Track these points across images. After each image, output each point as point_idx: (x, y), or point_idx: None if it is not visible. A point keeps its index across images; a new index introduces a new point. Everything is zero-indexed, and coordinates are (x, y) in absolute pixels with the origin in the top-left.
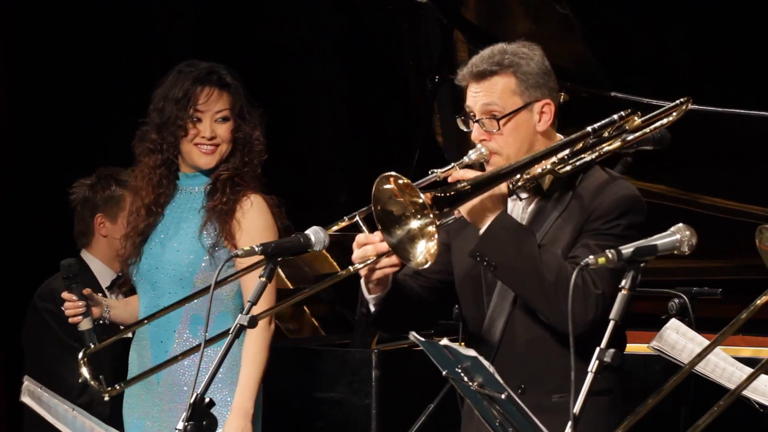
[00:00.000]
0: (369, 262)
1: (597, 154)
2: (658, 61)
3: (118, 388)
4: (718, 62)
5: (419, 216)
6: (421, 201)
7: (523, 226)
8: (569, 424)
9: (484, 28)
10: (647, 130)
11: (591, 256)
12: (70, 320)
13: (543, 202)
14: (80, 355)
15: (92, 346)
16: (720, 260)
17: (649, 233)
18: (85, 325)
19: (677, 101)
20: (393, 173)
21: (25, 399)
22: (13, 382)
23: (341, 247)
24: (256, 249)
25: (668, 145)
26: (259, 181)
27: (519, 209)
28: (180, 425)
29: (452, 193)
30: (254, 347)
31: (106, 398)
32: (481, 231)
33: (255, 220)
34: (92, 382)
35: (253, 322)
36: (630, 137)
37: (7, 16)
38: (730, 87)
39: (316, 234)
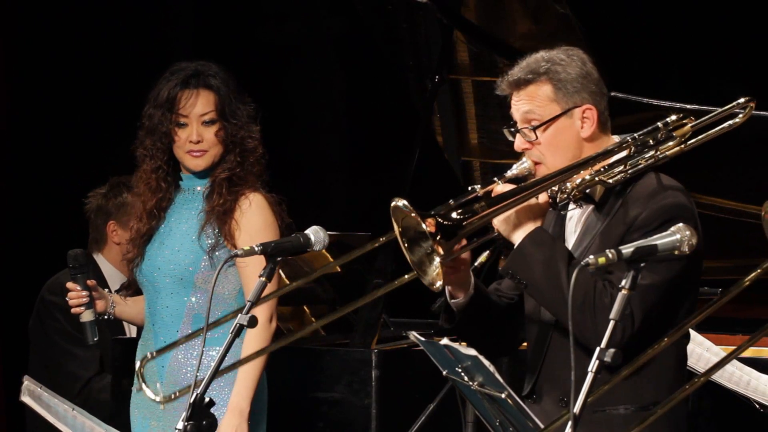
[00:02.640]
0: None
1: (653, 160)
2: (658, 60)
3: (173, 397)
4: (717, 62)
5: (431, 241)
6: (425, 231)
7: (557, 243)
8: (569, 424)
9: (484, 28)
10: (712, 132)
11: (591, 256)
12: (73, 310)
13: (595, 212)
14: (137, 366)
15: (94, 339)
16: (720, 260)
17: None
18: (87, 316)
19: (739, 101)
20: (406, 203)
21: (25, 399)
22: (13, 382)
23: (341, 247)
24: (256, 249)
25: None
26: (259, 179)
27: (575, 220)
28: (180, 425)
29: (452, 222)
30: (252, 346)
31: (162, 408)
32: (514, 247)
33: (254, 219)
34: (150, 392)
35: (252, 322)
36: (692, 141)
37: (7, 16)
38: (730, 86)
39: (316, 234)
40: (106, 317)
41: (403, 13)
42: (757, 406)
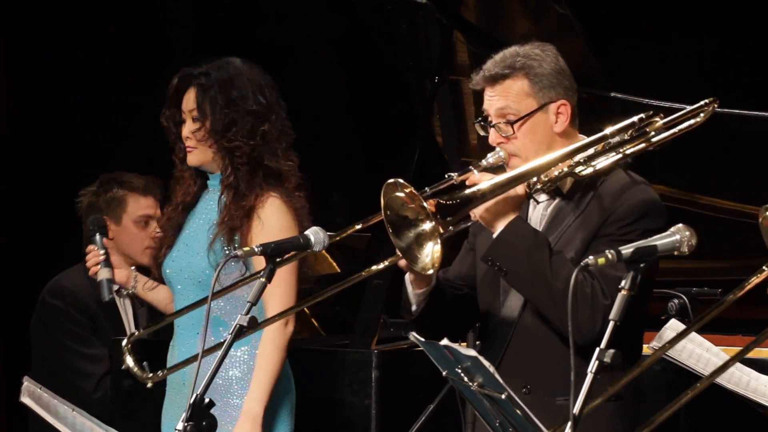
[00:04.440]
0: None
1: (620, 156)
2: (658, 61)
3: (160, 374)
4: (717, 62)
5: (426, 222)
6: (426, 208)
7: (537, 232)
8: (569, 424)
9: (484, 28)
10: (675, 130)
11: (591, 257)
12: (90, 270)
13: (563, 203)
14: (124, 342)
15: (109, 296)
16: (719, 260)
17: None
18: (103, 274)
19: (702, 102)
20: (400, 180)
21: (25, 399)
22: (13, 382)
23: (341, 248)
24: (256, 249)
25: (668, 145)
26: (267, 181)
27: (540, 210)
28: (180, 425)
29: (456, 201)
30: (266, 350)
31: (149, 385)
32: (494, 235)
33: (270, 228)
34: (136, 369)
35: (252, 323)
36: (656, 139)
37: (6, 17)
38: (730, 86)
39: (315, 234)
40: (126, 292)
41: (403, 13)
42: (757, 407)
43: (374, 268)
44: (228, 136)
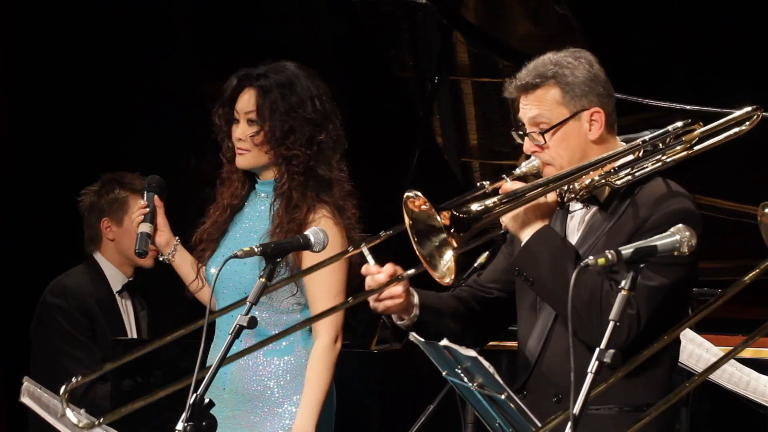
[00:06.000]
0: (370, 292)
1: (660, 164)
2: (658, 61)
3: (96, 423)
4: (717, 62)
5: (443, 234)
6: (440, 221)
7: (565, 241)
8: (569, 424)
9: (484, 28)
10: (719, 138)
11: (591, 257)
12: (134, 221)
13: (599, 213)
14: (62, 389)
15: (142, 249)
16: (719, 261)
17: None
18: (143, 228)
19: (747, 109)
20: (419, 194)
21: (25, 399)
22: (14, 383)
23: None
24: (256, 249)
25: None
26: (318, 191)
27: (577, 219)
28: (180, 425)
29: (467, 215)
30: (317, 368)
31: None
32: (522, 244)
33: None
34: (73, 418)
35: (252, 323)
36: (698, 147)
37: (6, 17)
38: (730, 87)
39: (315, 235)
40: (161, 259)
41: (403, 13)
42: (757, 407)
43: (406, 273)
44: (287, 144)
